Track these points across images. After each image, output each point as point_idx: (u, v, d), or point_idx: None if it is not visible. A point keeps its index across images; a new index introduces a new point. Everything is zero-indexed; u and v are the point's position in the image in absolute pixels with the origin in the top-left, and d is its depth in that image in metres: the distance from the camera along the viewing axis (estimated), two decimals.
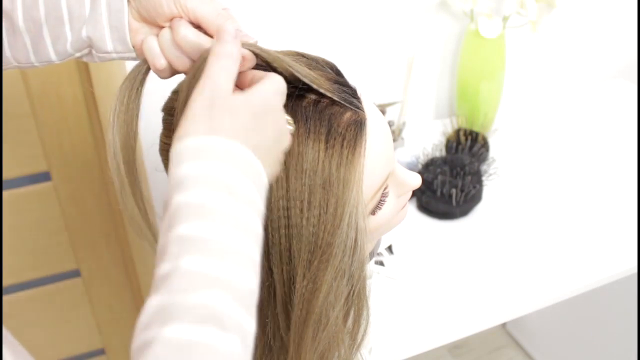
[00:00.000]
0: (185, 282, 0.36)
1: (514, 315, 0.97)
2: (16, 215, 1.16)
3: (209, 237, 0.38)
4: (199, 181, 0.39)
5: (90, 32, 0.54)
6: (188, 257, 0.37)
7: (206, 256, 0.37)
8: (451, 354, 1.87)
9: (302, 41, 1.19)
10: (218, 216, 0.38)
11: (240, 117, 0.42)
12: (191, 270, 0.36)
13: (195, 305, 0.35)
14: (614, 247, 1.06)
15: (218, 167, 0.40)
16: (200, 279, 0.36)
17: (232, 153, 0.41)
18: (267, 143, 0.44)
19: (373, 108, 0.56)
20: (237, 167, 0.40)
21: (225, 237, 0.38)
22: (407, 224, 1.10)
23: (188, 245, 0.37)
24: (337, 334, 0.56)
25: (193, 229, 0.38)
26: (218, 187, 0.39)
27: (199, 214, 0.38)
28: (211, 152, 0.40)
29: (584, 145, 1.34)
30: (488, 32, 1.21)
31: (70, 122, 1.12)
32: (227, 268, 0.37)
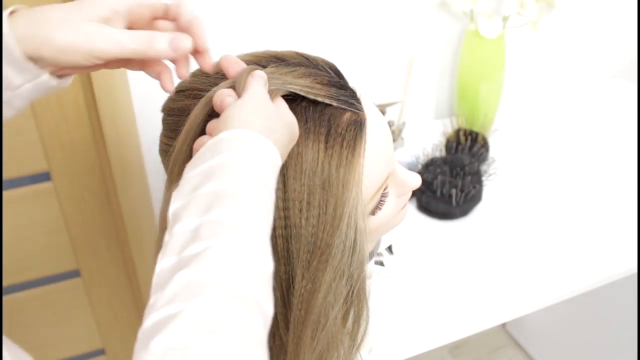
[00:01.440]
0: (215, 261, 0.38)
1: (514, 315, 0.97)
2: (16, 215, 1.16)
3: (240, 222, 0.40)
4: (233, 169, 0.42)
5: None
6: (220, 239, 0.39)
7: (236, 240, 0.39)
8: (451, 354, 1.87)
9: (302, 41, 1.19)
10: (250, 203, 0.41)
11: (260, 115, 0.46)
12: (222, 251, 0.38)
13: (224, 283, 0.37)
14: (614, 247, 1.06)
15: (252, 160, 0.43)
16: (229, 260, 0.38)
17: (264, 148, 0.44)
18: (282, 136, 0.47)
19: (373, 108, 0.56)
20: (265, 161, 0.43)
21: (255, 224, 0.40)
22: (407, 224, 1.10)
23: (221, 228, 0.39)
24: (336, 334, 0.56)
25: (226, 214, 0.40)
26: (252, 177, 0.42)
27: (233, 199, 0.40)
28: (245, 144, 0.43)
29: (584, 145, 1.34)
30: (488, 32, 1.21)
31: (70, 122, 1.12)
32: (254, 253, 0.39)
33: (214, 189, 0.41)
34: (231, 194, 0.40)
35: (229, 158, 0.42)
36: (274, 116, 0.47)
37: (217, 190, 0.41)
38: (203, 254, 0.38)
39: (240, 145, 0.43)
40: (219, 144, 0.43)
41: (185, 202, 0.41)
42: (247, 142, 0.43)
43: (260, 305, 0.38)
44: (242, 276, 0.38)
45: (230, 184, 0.41)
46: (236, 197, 0.40)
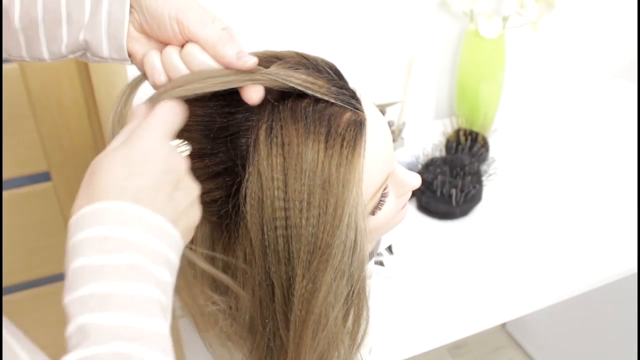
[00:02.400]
0: (95, 337, 0.38)
1: (514, 315, 0.97)
2: (16, 215, 1.16)
3: (112, 292, 0.39)
4: (96, 244, 0.41)
5: (87, 37, 0.54)
6: (92, 313, 0.39)
7: (110, 310, 0.39)
8: (451, 354, 1.87)
9: (302, 41, 1.19)
10: (116, 272, 0.40)
11: (113, 174, 0.44)
12: (98, 325, 0.38)
13: (109, 356, 0.37)
14: (614, 247, 1.06)
15: (117, 230, 0.41)
16: (107, 331, 0.38)
17: (135, 216, 0.42)
18: (150, 186, 0.44)
19: (373, 108, 0.56)
20: (137, 227, 0.42)
21: (126, 289, 0.40)
22: (407, 224, 1.10)
23: (91, 303, 0.39)
24: (337, 334, 0.56)
25: (93, 289, 0.39)
26: (116, 248, 0.41)
27: (97, 274, 0.40)
28: (111, 217, 0.42)
29: (584, 146, 1.34)
30: (488, 32, 1.21)
31: (70, 122, 1.12)
32: (133, 317, 0.39)
33: (76, 266, 0.41)
34: (96, 268, 0.40)
35: (89, 234, 0.41)
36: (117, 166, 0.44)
37: (80, 266, 0.40)
38: (80, 333, 0.38)
39: (104, 218, 0.42)
40: (79, 220, 0.43)
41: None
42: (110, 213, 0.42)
43: None
44: (122, 346, 0.38)
45: (91, 259, 0.40)
46: (98, 270, 0.40)
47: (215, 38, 0.52)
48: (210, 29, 0.52)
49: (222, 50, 0.51)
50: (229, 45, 0.51)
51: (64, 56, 0.56)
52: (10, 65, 1.04)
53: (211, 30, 0.52)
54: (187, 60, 0.53)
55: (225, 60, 0.52)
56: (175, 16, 0.52)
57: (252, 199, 0.51)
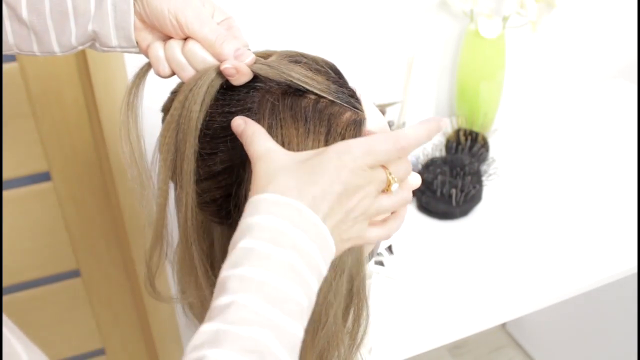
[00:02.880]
0: (240, 316, 0.40)
1: (514, 315, 0.97)
2: (16, 215, 1.16)
3: (269, 283, 0.41)
4: (271, 233, 0.43)
5: (96, 28, 0.55)
6: (247, 295, 0.40)
7: (263, 298, 0.40)
8: (451, 354, 1.87)
9: (302, 41, 1.19)
10: (281, 268, 0.42)
11: (326, 189, 0.45)
12: (248, 307, 0.40)
13: (244, 337, 0.39)
14: (614, 247, 1.06)
15: (290, 228, 0.43)
16: (254, 316, 0.40)
17: (308, 221, 0.44)
18: (343, 219, 0.46)
19: (373, 108, 0.56)
20: (307, 233, 0.43)
21: (283, 286, 0.41)
22: (407, 224, 1.10)
23: (249, 284, 0.41)
24: (337, 333, 0.56)
25: (256, 273, 0.41)
26: (287, 244, 0.42)
27: (264, 261, 0.42)
28: (289, 213, 0.43)
29: (584, 146, 1.34)
30: (488, 32, 1.21)
31: (70, 122, 1.12)
32: (279, 313, 0.41)
33: (248, 245, 0.42)
34: (261, 254, 0.42)
35: (266, 222, 0.43)
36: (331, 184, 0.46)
37: (251, 247, 0.42)
38: (229, 307, 0.40)
39: (280, 214, 0.43)
40: (260, 203, 0.44)
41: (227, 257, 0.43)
42: (289, 209, 0.44)
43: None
44: (262, 333, 0.39)
45: (263, 245, 0.42)
46: (266, 259, 0.42)
47: (213, 37, 0.52)
48: (207, 27, 0.53)
49: (220, 49, 0.52)
50: (226, 44, 0.52)
51: (74, 47, 0.57)
52: (10, 64, 1.04)
53: (209, 28, 0.52)
54: (188, 56, 0.54)
55: (223, 59, 0.52)
56: (174, 13, 0.52)
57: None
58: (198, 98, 0.51)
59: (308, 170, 0.45)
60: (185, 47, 0.53)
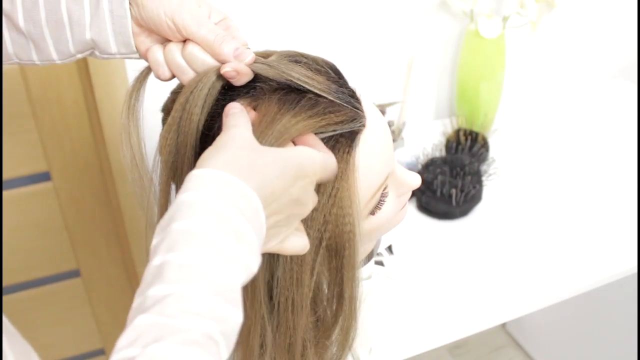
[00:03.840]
0: (180, 308, 0.37)
1: (514, 315, 0.97)
2: (16, 215, 1.16)
3: (210, 271, 0.39)
4: (213, 215, 0.40)
5: (94, 36, 0.54)
6: (187, 284, 0.38)
7: (201, 285, 0.38)
8: (451, 354, 1.87)
9: (302, 41, 1.19)
10: (218, 250, 0.39)
11: (268, 169, 0.43)
12: (188, 299, 0.38)
13: (185, 330, 0.36)
14: (614, 247, 1.06)
15: (226, 206, 0.41)
16: (194, 307, 0.37)
17: (245, 197, 0.42)
18: (281, 203, 0.45)
19: (372, 108, 0.56)
20: (243, 212, 0.41)
21: (220, 271, 0.39)
22: (407, 224, 1.10)
23: (188, 273, 0.38)
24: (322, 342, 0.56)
25: (196, 260, 0.39)
26: (224, 226, 0.40)
27: (205, 248, 0.39)
28: (224, 189, 0.41)
29: (584, 145, 1.34)
30: (488, 32, 1.21)
31: (70, 122, 1.12)
32: (221, 302, 0.39)
33: (182, 228, 0.40)
34: (196, 235, 0.40)
35: (195, 197, 0.41)
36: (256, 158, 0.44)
37: (185, 230, 0.40)
38: (166, 299, 0.38)
39: (207, 186, 0.41)
40: (191, 180, 0.42)
41: (160, 238, 0.41)
42: (215, 183, 0.41)
43: (219, 352, 0.38)
44: (204, 324, 0.37)
45: (198, 225, 0.40)
46: (201, 241, 0.39)
47: (211, 38, 0.52)
48: (205, 28, 0.52)
49: (219, 49, 0.52)
50: (225, 44, 0.52)
51: (73, 55, 0.57)
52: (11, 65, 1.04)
53: (206, 30, 0.52)
54: (188, 59, 0.53)
55: (223, 59, 0.52)
56: (170, 15, 0.52)
57: None
58: (199, 101, 0.51)
59: (267, 159, 0.44)
60: (185, 50, 0.53)
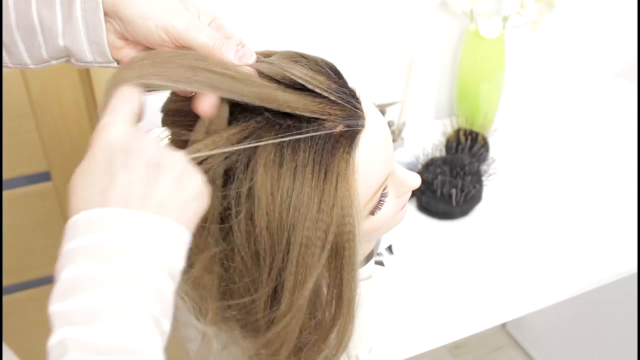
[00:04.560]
0: (73, 355, 0.36)
1: (514, 315, 0.97)
2: (16, 215, 1.16)
3: (103, 308, 0.38)
4: (91, 251, 0.39)
5: (68, 44, 0.52)
6: (74, 328, 0.37)
7: (94, 325, 0.37)
8: (451, 354, 1.87)
9: (302, 41, 1.19)
10: (106, 284, 0.38)
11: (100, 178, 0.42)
12: (79, 341, 0.37)
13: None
14: (614, 247, 1.06)
15: (107, 237, 0.40)
16: (87, 348, 0.37)
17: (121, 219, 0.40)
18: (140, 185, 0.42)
19: (372, 108, 0.56)
20: (124, 230, 0.40)
21: (115, 302, 0.38)
22: (407, 224, 1.10)
23: (77, 317, 0.38)
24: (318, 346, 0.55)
25: (81, 302, 0.38)
26: (105, 257, 0.39)
27: (91, 285, 0.38)
28: (101, 223, 0.40)
29: (584, 145, 1.34)
30: (488, 32, 1.21)
31: (70, 122, 1.12)
32: (118, 332, 0.37)
33: (70, 275, 0.39)
34: (88, 278, 0.39)
35: (79, 243, 0.40)
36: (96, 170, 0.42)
37: (71, 276, 0.39)
38: (66, 355, 0.37)
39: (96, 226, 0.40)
40: (75, 225, 0.41)
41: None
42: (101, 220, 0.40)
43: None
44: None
45: (83, 269, 0.39)
46: (95, 281, 0.39)
47: (211, 43, 0.51)
48: (203, 34, 0.51)
49: (220, 54, 0.51)
50: (225, 47, 0.51)
51: (47, 61, 0.55)
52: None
53: (204, 35, 0.51)
54: None
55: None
56: (162, 26, 0.50)
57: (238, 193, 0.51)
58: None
59: (93, 175, 0.43)
60: None
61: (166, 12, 0.50)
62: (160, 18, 0.50)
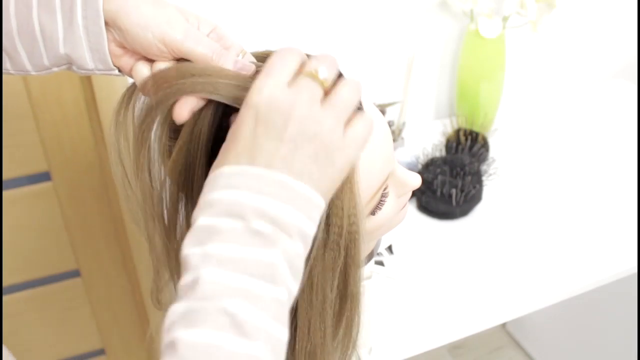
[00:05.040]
0: (207, 291, 0.38)
1: (514, 315, 0.97)
2: (16, 215, 1.16)
3: (231, 253, 0.40)
4: (229, 206, 0.41)
5: (68, 51, 0.52)
6: (211, 268, 0.39)
7: (228, 269, 0.39)
8: (451, 354, 1.87)
9: (302, 41, 1.19)
10: (242, 237, 0.40)
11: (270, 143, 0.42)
12: (213, 280, 0.39)
13: (215, 312, 0.38)
14: (614, 247, 1.06)
15: (248, 196, 0.41)
16: (221, 288, 0.38)
17: (264, 180, 0.41)
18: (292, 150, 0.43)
19: (372, 109, 0.55)
20: (268, 194, 0.41)
21: (247, 253, 0.40)
22: (407, 224, 1.10)
23: (211, 259, 0.39)
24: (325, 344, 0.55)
25: (217, 247, 0.40)
26: (247, 213, 0.40)
27: (224, 234, 0.40)
28: (242, 180, 0.41)
29: (584, 145, 1.34)
30: (488, 32, 1.21)
31: (70, 122, 1.12)
32: (248, 280, 0.39)
33: (207, 222, 0.41)
34: (224, 229, 0.40)
35: (224, 196, 0.41)
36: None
37: (210, 223, 0.41)
38: (196, 284, 0.39)
39: (235, 184, 0.41)
40: (216, 179, 0.42)
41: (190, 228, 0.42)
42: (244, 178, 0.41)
43: (261, 330, 0.38)
44: (234, 304, 0.38)
45: (221, 220, 0.41)
46: (229, 232, 0.40)
47: (209, 54, 0.51)
48: (201, 45, 0.50)
49: (219, 65, 0.50)
50: (224, 59, 0.51)
51: (49, 68, 0.55)
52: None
53: (202, 46, 0.50)
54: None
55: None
56: (160, 37, 0.50)
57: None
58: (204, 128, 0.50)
59: (241, 135, 0.43)
60: None
61: (164, 23, 0.50)
62: (158, 29, 0.50)
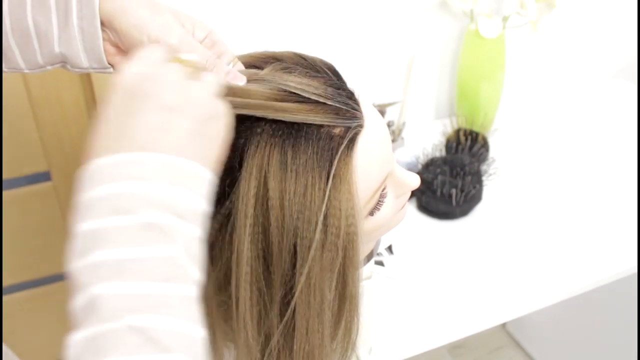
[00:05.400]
0: (107, 310, 0.34)
1: (514, 315, 0.97)
2: (16, 215, 1.16)
3: (127, 259, 0.35)
4: (109, 202, 0.37)
5: (63, 50, 0.52)
6: (104, 283, 0.35)
7: (125, 279, 0.35)
8: (451, 354, 1.87)
9: (301, 41, 1.19)
10: (132, 236, 0.36)
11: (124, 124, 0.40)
12: (111, 296, 0.34)
13: (123, 333, 0.33)
14: (614, 247, 1.06)
15: (129, 185, 0.38)
16: (122, 304, 0.34)
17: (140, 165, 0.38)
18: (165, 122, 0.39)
19: (371, 109, 0.55)
20: (152, 177, 0.38)
21: (143, 254, 0.36)
22: (407, 224, 1.10)
23: (102, 271, 0.35)
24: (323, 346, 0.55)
25: (107, 255, 0.36)
26: (134, 206, 0.37)
27: (111, 237, 0.36)
28: (120, 170, 0.38)
29: (584, 145, 1.34)
30: (488, 32, 1.21)
31: (71, 122, 1.12)
32: (150, 286, 0.35)
33: (87, 228, 0.37)
34: (109, 231, 0.36)
35: (100, 193, 0.37)
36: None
37: (92, 229, 0.36)
38: (94, 304, 0.34)
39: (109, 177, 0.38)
40: (89, 175, 0.39)
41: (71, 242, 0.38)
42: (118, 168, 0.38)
43: (178, 338, 0.35)
44: (141, 318, 0.34)
45: (102, 221, 0.37)
46: (116, 233, 0.36)
47: (203, 60, 0.50)
48: (196, 53, 0.50)
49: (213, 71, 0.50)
50: (217, 68, 0.50)
51: (42, 67, 0.55)
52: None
53: (197, 55, 0.50)
54: None
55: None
56: (155, 41, 0.50)
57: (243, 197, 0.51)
58: None
59: (108, 119, 0.41)
60: None
61: (160, 27, 0.50)
62: (153, 32, 0.50)
